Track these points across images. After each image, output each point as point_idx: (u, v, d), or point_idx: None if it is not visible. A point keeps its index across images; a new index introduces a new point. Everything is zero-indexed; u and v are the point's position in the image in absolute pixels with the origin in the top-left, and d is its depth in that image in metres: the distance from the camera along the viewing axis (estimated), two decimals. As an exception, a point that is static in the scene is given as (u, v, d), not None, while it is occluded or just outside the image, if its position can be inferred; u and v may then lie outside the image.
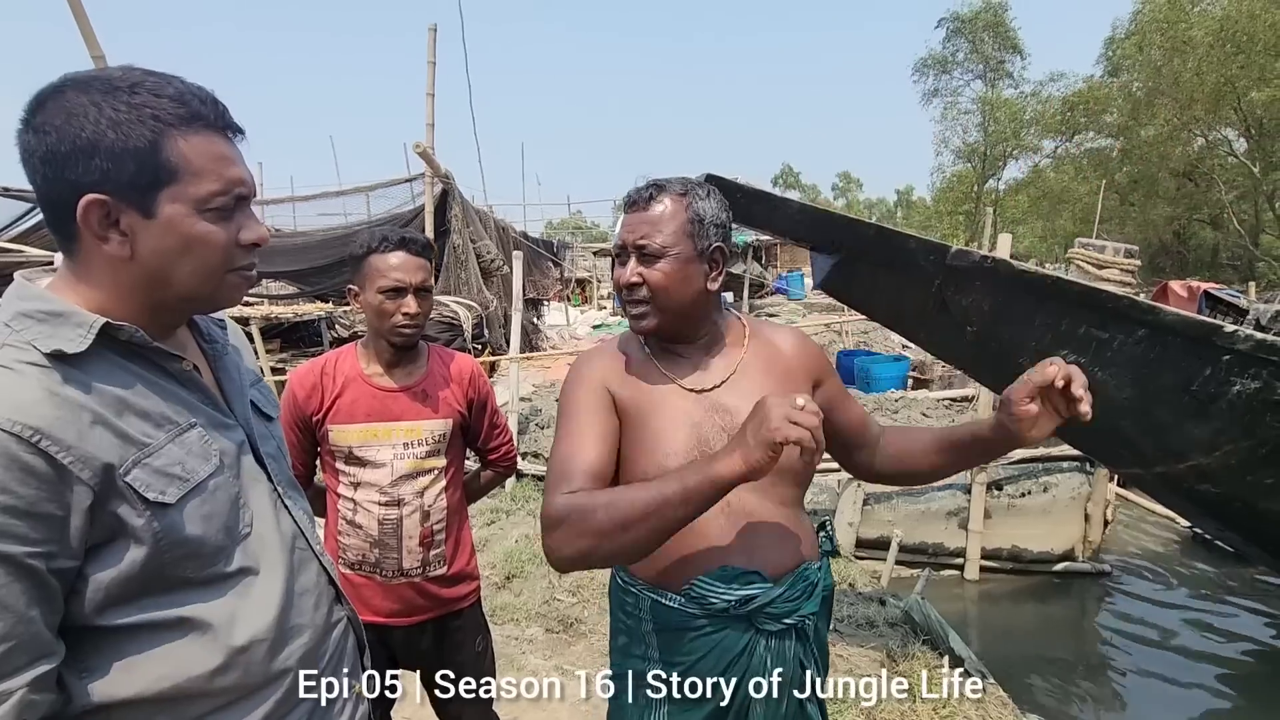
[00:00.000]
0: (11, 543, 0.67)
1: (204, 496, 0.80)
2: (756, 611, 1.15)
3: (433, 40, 7.40)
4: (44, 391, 0.71)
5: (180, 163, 0.76)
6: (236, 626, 0.81)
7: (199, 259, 0.80)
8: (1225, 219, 23.24)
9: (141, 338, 0.79)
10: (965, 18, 29.28)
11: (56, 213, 0.76)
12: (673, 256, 1.19)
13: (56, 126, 0.73)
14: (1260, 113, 20.54)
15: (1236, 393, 2.54)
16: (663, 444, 1.20)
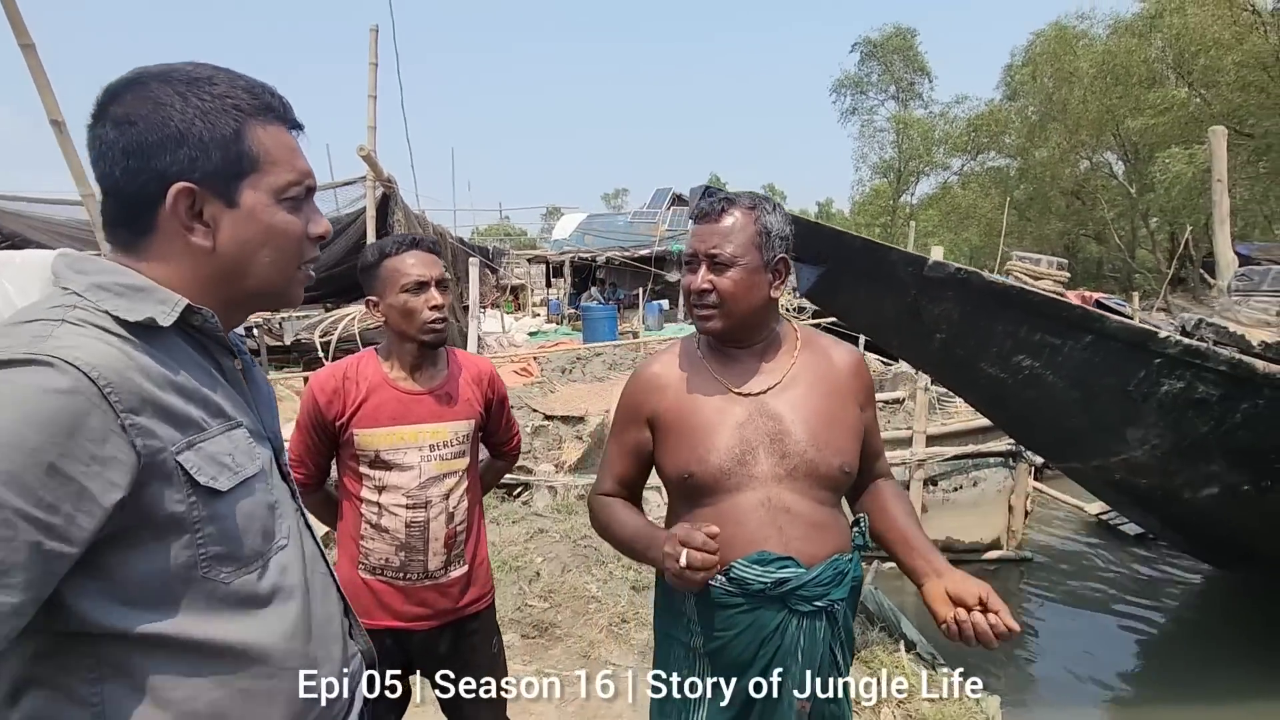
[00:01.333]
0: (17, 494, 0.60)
1: (250, 495, 0.77)
2: (790, 594, 1.24)
3: (374, 41, 7.19)
4: (119, 351, 0.68)
5: (261, 152, 0.76)
6: (262, 652, 0.76)
7: (278, 249, 0.79)
8: (1107, 234, 25.61)
9: (215, 324, 0.78)
10: (877, 42, 31.10)
11: (135, 205, 0.74)
12: (742, 265, 1.28)
13: (143, 116, 0.72)
14: (1136, 139, 22.79)
15: (1164, 392, 2.87)
16: (705, 441, 1.29)
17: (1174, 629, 4.83)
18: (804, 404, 1.31)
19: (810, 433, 1.29)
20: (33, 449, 0.61)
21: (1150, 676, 4.27)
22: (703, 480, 1.29)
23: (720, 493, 1.29)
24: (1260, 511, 3.22)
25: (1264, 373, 2.78)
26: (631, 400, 1.40)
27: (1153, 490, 3.33)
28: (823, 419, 1.31)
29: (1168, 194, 20.89)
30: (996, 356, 2.87)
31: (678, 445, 1.32)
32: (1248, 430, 2.93)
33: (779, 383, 1.33)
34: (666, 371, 1.38)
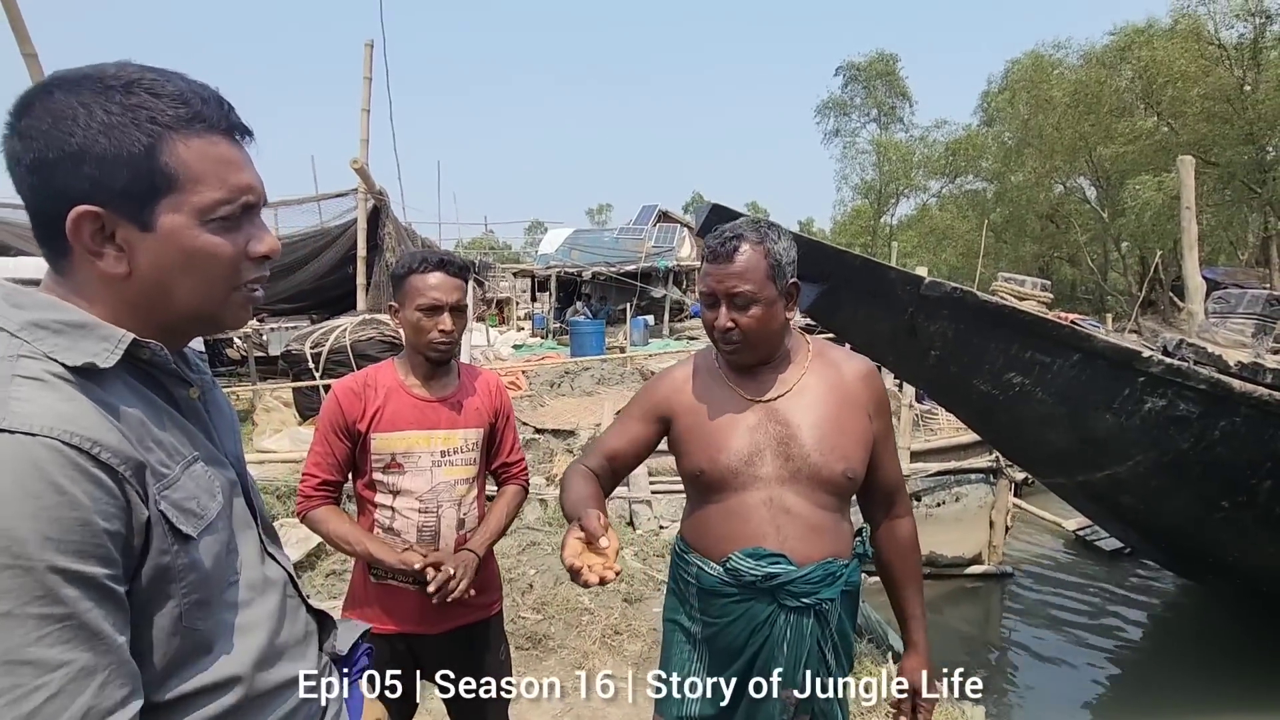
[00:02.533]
0: (94, 564, 0.61)
1: (214, 534, 0.74)
2: (779, 588, 1.32)
3: (369, 56, 7.26)
4: (86, 403, 0.64)
5: (180, 169, 0.68)
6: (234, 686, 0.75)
7: (203, 274, 0.72)
8: (1081, 257, 26.28)
9: (164, 357, 0.73)
10: (860, 66, 31.85)
11: (45, 224, 0.68)
12: (761, 302, 1.35)
13: (43, 131, 0.65)
14: (1108, 166, 23.48)
15: (1148, 410, 2.99)
16: (716, 443, 1.38)
17: (1150, 642, 4.96)
18: (812, 411, 1.38)
19: (816, 438, 1.36)
20: (72, 523, 0.60)
21: (1127, 688, 4.37)
22: (712, 478, 1.38)
23: (728, 490, 1.37)
24: (1236, 526, 3.33)
25: (1240, 391, 2.90)
26: (651, 396, 1.50)
27: (1134, 505, 3.44)
28: (829, 425, 1.37)
29: (1138, 219, 21.52)
30: (988, 374, 2.97)
31: (692, 446, 1.41)
32: (1225, 447, 3.05)
33: (789, 390, 1.41)
34: (689, 378, 1.48)
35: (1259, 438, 3.03)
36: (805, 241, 2.72)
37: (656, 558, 4.66)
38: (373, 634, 1.77)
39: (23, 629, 0.57)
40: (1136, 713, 3.96)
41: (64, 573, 0.59)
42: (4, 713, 0.57)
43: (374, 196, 7.05)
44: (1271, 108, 19.27)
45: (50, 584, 0.58)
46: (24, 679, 0.57)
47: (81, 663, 0.59)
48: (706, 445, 1.39)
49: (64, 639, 0.59)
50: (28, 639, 0.57)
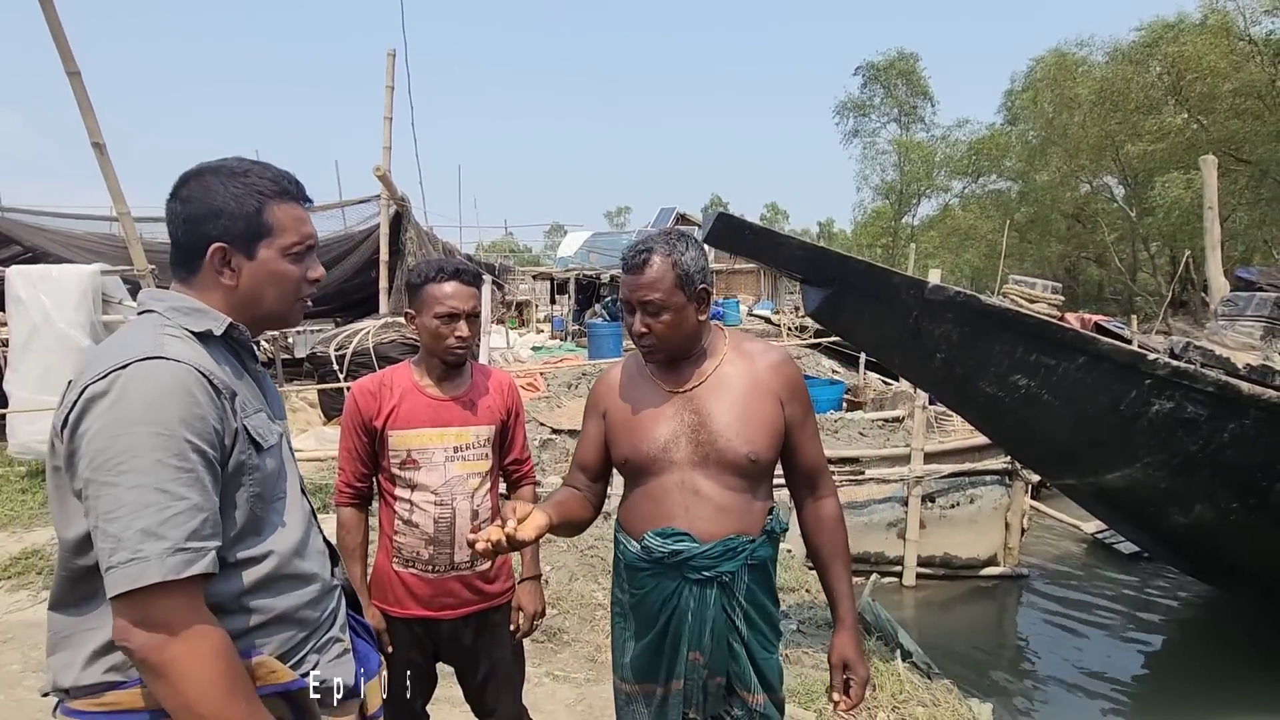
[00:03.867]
0: (204, 442, 0.95)
1: (273, 454, 1.09)
2: (683, 563, 1.47)
3: (391, 66, 7.44)
4: (202, 352, 1.01)
5: (274, 222, 1.07)
6: (275, 560, 1.06)
7: (282, 289, 1.10)
8: (1108, 257, 25.82)
9: (247, 337, 1.11)
10: (880, 66, 31.60)
11: (188, 254, 1.06)
12: (671, 308, 1.49)
13: (197, 198, 1.04)
14: (1135, 164, 23.03)
15: (1155, 412, 3.00)
16: (639, 432, 1.55)
17: (1166, 646, 4.91)
18: (724, 399, 1.52)
19: (724, 424, 1.49)
20: (198, 415, 0.95)
21: (1142, 692, 4.35)
22: (636, 465, 1.54)
23: (648, 475, 1.53)
24: (1247, 529, 3.33)
25: (1249, 394, 2.91)
26: (594, 398, 1.68)
27: (1144, 507, 3.44)
28: (737, 413, 1.50)
29: (1167, 218, 21.10)
30: (994, 376, 3.01)
31: (618, 435, 1.58)
32: (1235, 449, 3.05)
33: (704, 381, 1.55)
34: (617, 376, 1.66)
35: (1269, 440, 3.03)
36: (810, 247, 2.79)
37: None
38: (394, 617, 1.90)
39: (168, 470, 0.91)
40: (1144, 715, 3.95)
41: (191, 444, 0.93)
42: (153, 515, 0.89)
43: (396, 203, 7.22)
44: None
45: (184, 449, 0.92)
46: (164, 500, 0.90)
47: (195, 500, 0.92)
48: (630, 435, 1.55)
49: (188, 483, 0.92)
50: (169, 476, 0.91)
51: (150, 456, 0.89)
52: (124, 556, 0.87)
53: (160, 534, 0.88)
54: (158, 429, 0.90)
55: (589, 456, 1.66)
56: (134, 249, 4.19)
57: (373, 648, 1.30)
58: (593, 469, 1.66)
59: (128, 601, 0.87)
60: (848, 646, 1.54)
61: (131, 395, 0.91)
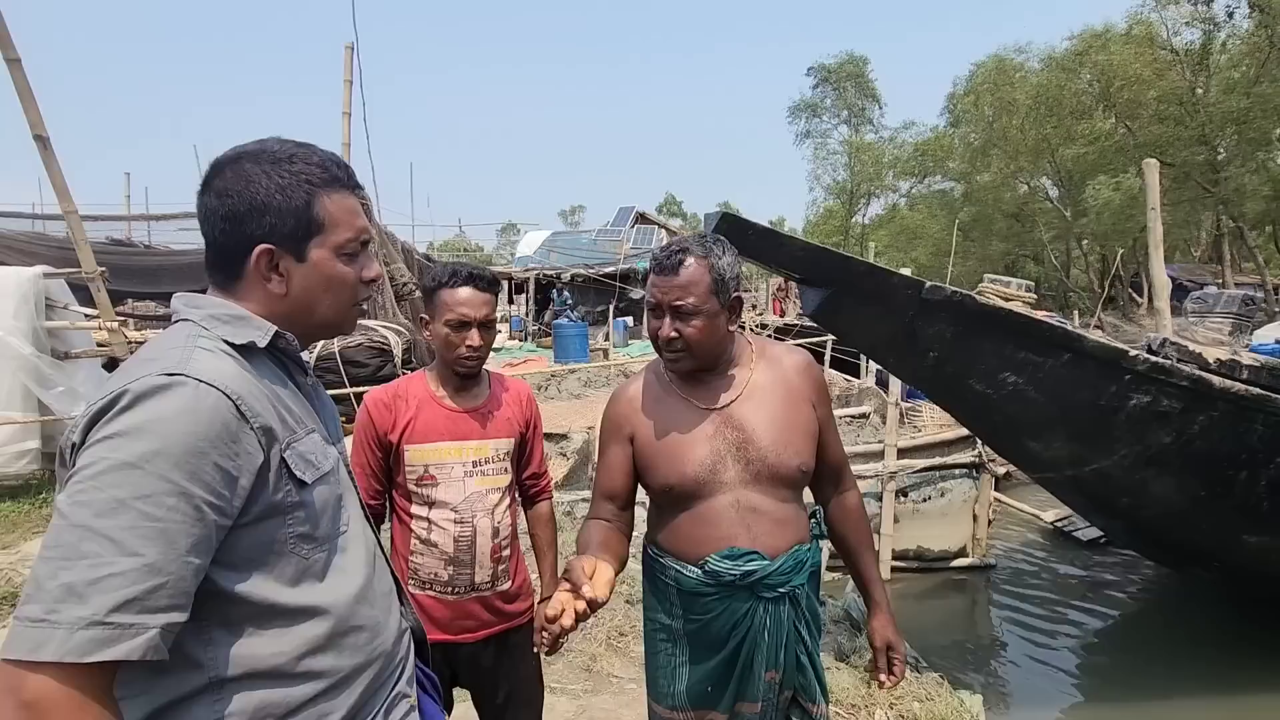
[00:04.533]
0: (199, 486, 0.77)
1: (325, 486, 0.93)
2: (757, 583, 1.41)
3: (349, 59, 7.16)
4: (239, 369, 0.86)
5: (326, 217, 0.92)
6: (336, 613, 0.91)
7: (337, 294, 0.96)
8: (1045, 255, 27.02)
9: (295, 348, 0.95)
10: (831, 68, 32.31)
11: (229, 257, 0.91)
12: (704, 313, 1.41)
13: (237, 191, 0.88)
14: (1069, 166, 24.17)
15: (1133, 406, 3.12)
16: (681, 456, 1.45)
17: (1127, 626, 5.15)
18: (763, 412, 1.47)
19: (770, 439, 1.45)
20: (200, 450, 0.78)
21: (1107, 669, 4.54)
22: (681, 490, 1.45)
23: (697, 499, 1.45)
24: (1213, 516, 3.50)
25: (1220, 387, 3.05)
26: (614, 420, 1.56)
27: (1118, 497, 3.58)
28: (780, 424, 1.46)
29: (1098, 218, 22.20)
30: (983, 374, 3.07)
31: (656, 461, 1.48)
32: (1204, 440, 3.20)
33: (740, 395, 1.49)
34: (640, 394, 1.55)
35: (1235, 431, 3.19)
36: (811, 248, 2.79)
37: (654, 559, 4.71)
38: None
39: (127, 514, 0.73)
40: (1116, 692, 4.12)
41: (178, 488, 0.76)
42: (84, 569, 0.71)
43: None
44: (1221, 110, 20.04)
45: (164, 491, 0.75)
46: (106, 552, 0.72)
47: (150, 559, 0.74)
48: (671, 459, 1.46)
49: (149, 535, 0.74)
50: (125, 523, 0.73)
51: (111, 493, 0.73)
52: (33, 612, 0.70)
53: (83, 595, 0.70)
54: (137, 462, 0.74)
55: (616, 484, 1.54)
56: (82, 250, 3.88)
57: (438, 704, 1.18)
58: (622, 497, 1.56)
59: (11, 667, 0.70)
60: (888, 628, 1.56)
61: (126, 419, 0.76)
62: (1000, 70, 25.42)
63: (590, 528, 1.52)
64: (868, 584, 1.59)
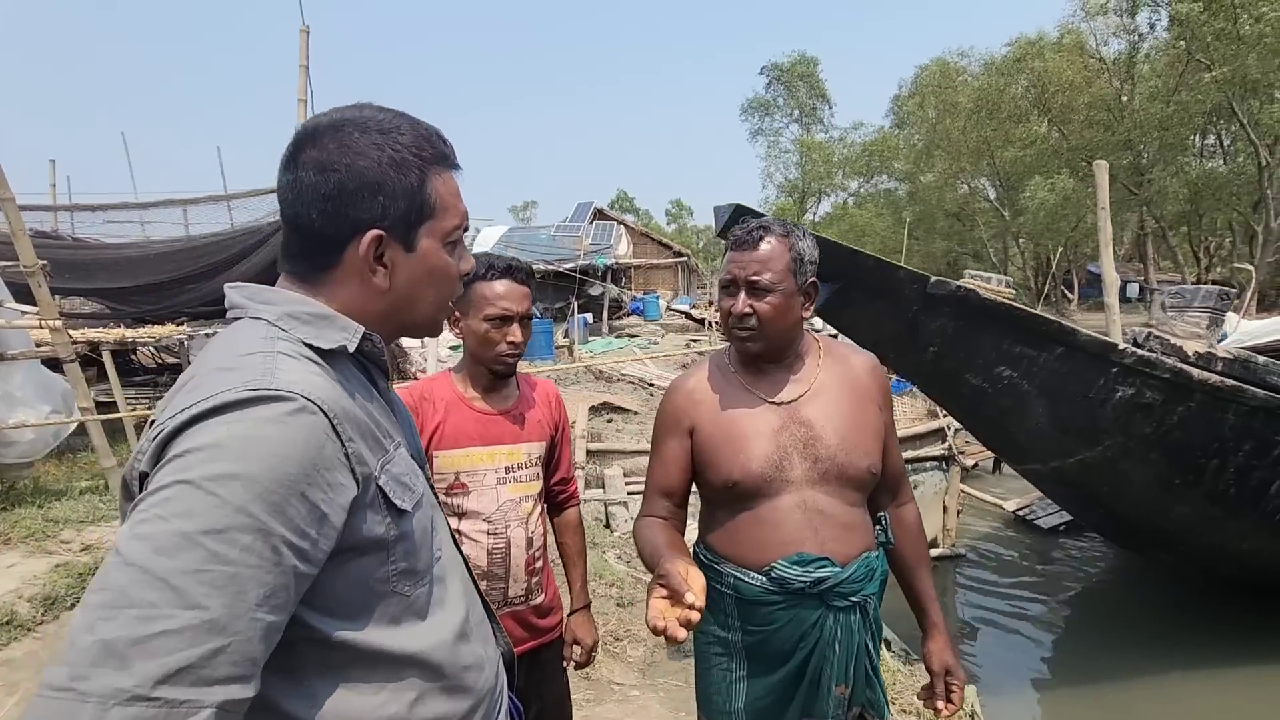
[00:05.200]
0: (282, 524, 0.63)
1: (422, 511, 0.81)
2: (828, 591, 1.34)
3: (304, 44, 6.82)
4: (329, 381, 0.72)
5: (436, 199, 0.80)
6: (444, 653, 0.80)
7: (441, 289, 0.84)
8: (985, 253, 28.12)
9: (381, 349, 0.82)
10: (784, 67, 32.84)
11: (325, 244, 0.77)
12: (780, 291, 1.36)
13: (345, 165, 0.75)
14: (1007, 168, 25.23)
15: (1119, 398, 3.21)
16: (745, 450, 1.38)
17: (1087, 607, 5.36)
18: (831, 409, 1.41)
19: (839, 437, 1.39)
20: (291, 481, 0.64)
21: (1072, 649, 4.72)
22: (745, 487, 1.37)
23: (760, 498, 1.37)
24: (1185, 502, 3.64)
25: (1198, 379, 3.17)
26: (673, 413, 1.48)
27: (1100, 487, 3.70)
28: (849, 423, 1.41)
29: (1034, 218, 23.25)
30: (981, 368, 3.11)
31: (719, 455, 1.40)
32: (1181, 430, 3.32)
33: (808, 391, 1.43)
34: (702, 385, 1.47)
35: (1209, 421, 3.32)
36: (823, 242, 2.75)
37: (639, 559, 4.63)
38: None
39: (190, 555, 0.59)
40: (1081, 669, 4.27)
41: (251, 520, 0.61)
42: (127, 622, 0.56)
43: (314, 193, 6.63)
44: (1145, 117, 21.23)
45: (233, 524, 0.61)
46: (161, 601, 0.57)
47: (213, 615, 0.59)
48: (735, 454, 1.38)
49: (217, 583, 0.59)
50: (186, 564, 0.59)
51: (176, 524, 0.59)
52: (58, 678, 0.55)
53: (124, 658, 0.55)
54: (210, 487, 0.61)
55: (674, 480, 1.47)
56: (20, 242, 3.53)
57: None
58: (679, 493, 1.48)
59: None
60: (946, 652, 1.50)
61: (202, 436, 0.63)
62: (943, 73, 26.33)
63: (653, 527, 1.42)
64: (924, 602, 1.53)
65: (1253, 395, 3.24)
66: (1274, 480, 3.45)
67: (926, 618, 1.53)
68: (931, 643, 1.51)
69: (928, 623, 1.53)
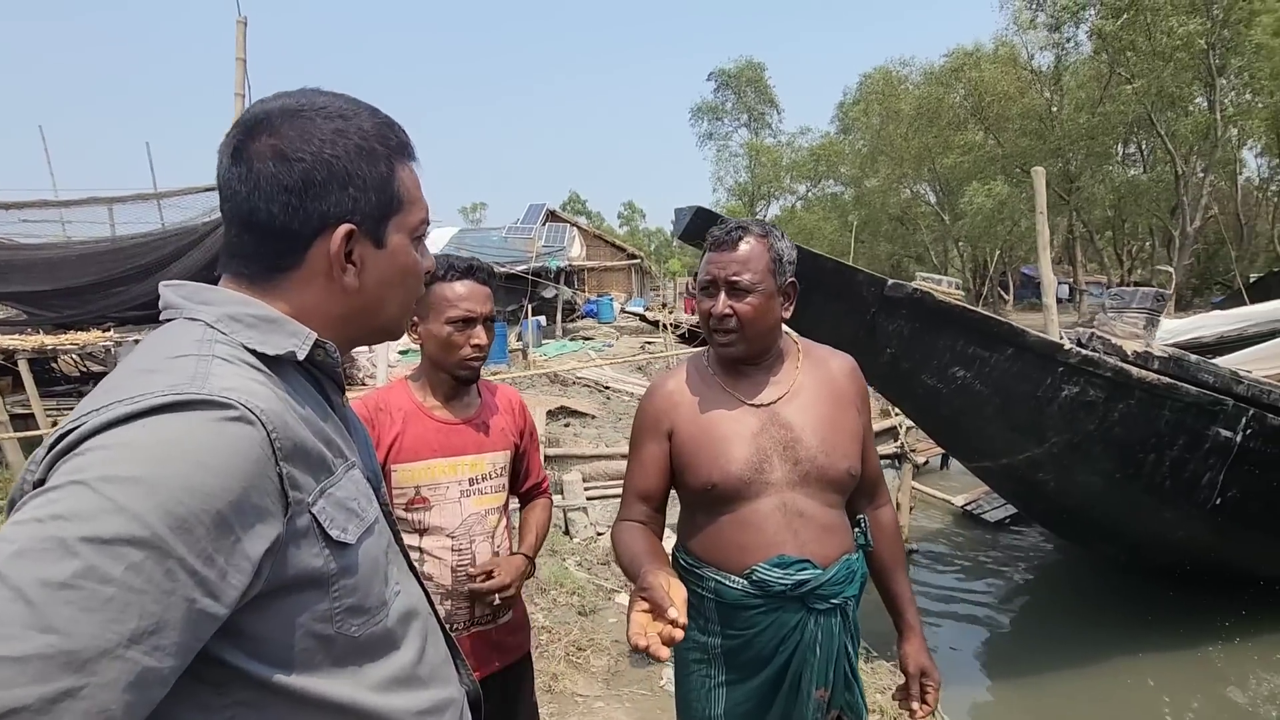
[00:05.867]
0: (187, 548, 0.53)
1: (372, 538, 0.72)
2: (809, 594, 1.34)
3: (241, 35, 6.51)
4: (273, 392, 0.64)
5: (404, 192, 0.75)
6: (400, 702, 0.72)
7: (408, 289, 0.78)
8: (927, 256, 29.09)
9: (335, 359, 0.74)
10: (731, 72, 33.32)
11: (285, 241, 0.69)
12: (760, 291, 1.36)
13: (310, 153, 0.68)
14: (947, 174, 26.17)
15: (1064, 396, 3.32)
16: (725, 453, 1.37)
17: (1038, 598, 5.56)
18: (811, 411, 1.41)
19: (819, 439, 1.39)
20: (206, 495, 0.55)
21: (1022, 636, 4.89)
22: (724, 490, 1.36)
23: (740, 500, 1.36)
24: (1124, 496, 3.80)
25: (1137, 377, 3.30)
26: (652, 415, 1.46)
27: (1046, 483, 3.82)
28: (828, 425, 1.41)
29: (972, 223, 24.18)
30: (935, 369, 3.17)
31: (698, 458, 1.39)
32: (1122, 426, 3.45)
33: (787, 393, 1.43)
34: (681, 388, 1.46)
35: (1147, 417, 3.46)
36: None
37: (600, 565, 4.57)
38: None
39: (60, 564, 0.49)
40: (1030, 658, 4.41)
41: (149, 535, 0.52)
42: None
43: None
44: (1074, 127, 22.34)
45: (122, 533, 0.51)
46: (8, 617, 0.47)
47: (73, 644, 0.48)
48: (715, 457, 1.37)
49: (83, 605, 0.49)
50: (52, 575, 0.49)
51: (51, 529, 0.50)
52: None
53: None
54: (101, 488, 0.52)
55: (653, 483, 1.45)
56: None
57: None
58: (657, 497, 1.47)
59: None
60: (922, 654, 1.50)
61: (106, 437, 0.55)
62: (886, 82, 27.15)
63: (631, 531, 1.39)
64: (901, 605, 1.53)
65: (1186, 392, 3.40)
66: (1205, 473, 3.63)
67: (903, 620, 1.53)
68: (908, 645, 1.51)
69: (904, 624, 1.53)
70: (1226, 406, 3.47)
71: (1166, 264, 19.31)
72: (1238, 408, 3.49)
